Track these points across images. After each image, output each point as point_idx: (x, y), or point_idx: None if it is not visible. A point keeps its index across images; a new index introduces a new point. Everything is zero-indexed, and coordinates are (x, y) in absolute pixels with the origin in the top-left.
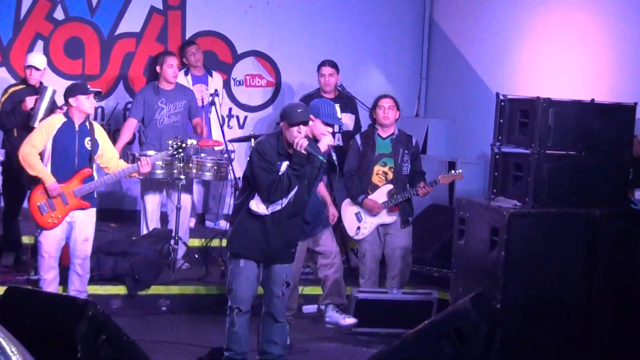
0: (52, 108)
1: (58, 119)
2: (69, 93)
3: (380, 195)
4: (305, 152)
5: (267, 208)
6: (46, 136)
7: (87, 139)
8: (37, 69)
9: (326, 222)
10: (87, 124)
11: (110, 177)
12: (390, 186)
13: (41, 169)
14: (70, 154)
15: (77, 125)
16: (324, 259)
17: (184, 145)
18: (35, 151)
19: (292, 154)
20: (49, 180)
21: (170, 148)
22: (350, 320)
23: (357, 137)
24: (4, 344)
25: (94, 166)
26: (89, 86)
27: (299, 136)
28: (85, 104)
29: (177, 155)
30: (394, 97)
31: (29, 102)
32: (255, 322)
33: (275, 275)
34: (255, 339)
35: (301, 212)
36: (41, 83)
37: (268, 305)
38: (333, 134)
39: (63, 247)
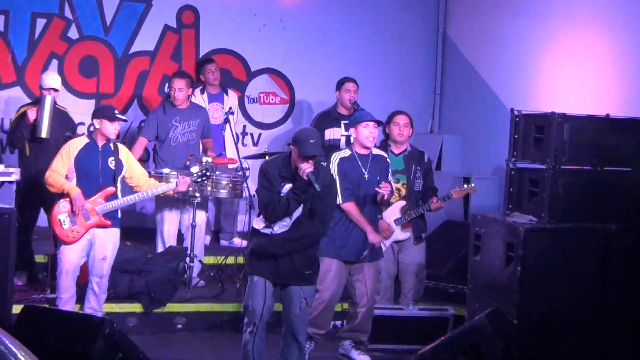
0: (54, 115)
1: (80, 141)
2: (96, 114)
3: (393, 212)
4: (306, 178)
5: (266, 226)
6: (67, 160)
7: (111, 158)
8: (56, 90)
9: (375, 255)
10: (110, 144)
11: (138, 196)
12: (403, 202)
13: (63, 183)
14: (94, 173)
15: (100, 146)
16: (359, 298)
17: (208, 173)
18: (56, 173)
19: (295, 178)
20: (74, 190)
21: (194, 175)
22: (364, 358)
23: None
24: None
25: (119, 186)
26: (116, 112)
27: (305, 165)
28: (109, 128)
29: (200, 182)
30: (409, 114)
31: (31, 114)
32: (272, 338)
33: (292, 294)
34: (271, 355)
35: (310, 236)
36: (41, 94)
37: (287, 323)
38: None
39: (82, 266)
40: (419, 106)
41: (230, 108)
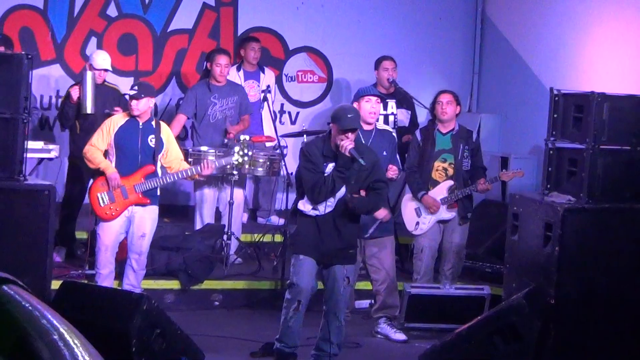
0: (100, 91)
1: (121, 117)
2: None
3: (440, 191)
4: (349, 155)
5: (313, 208)
6: (106, 135)
7: (151, 136)
8: (106, 70)
9: (389, 230)
10: (152, 122)
11: (172, 176)
12: (451, 182)
13: (101, 160)
14: (134, 150)
15: (141, 123)
16: (377, 274)
17: (250, 153)
18: (95, 148)
19: (337, 156)
20: (109, 169)
21: (236, 154)
22: (400, 336)
23: (417, 132)
24: (67, 335)
25: (159, 164)
26: (135, 88)
27: (345, 140)
28: (130, 105)
29: (241, 161)
30: (454, 92)
31: (74, 93)
32: (310, 316)
33: (336, 273)
34: (306, 333)
35: (353, 212)
36: (82, 70)
37: (329, 302)
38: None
39: (121, 242)
40: (457, 85)
41: (268, 86)
